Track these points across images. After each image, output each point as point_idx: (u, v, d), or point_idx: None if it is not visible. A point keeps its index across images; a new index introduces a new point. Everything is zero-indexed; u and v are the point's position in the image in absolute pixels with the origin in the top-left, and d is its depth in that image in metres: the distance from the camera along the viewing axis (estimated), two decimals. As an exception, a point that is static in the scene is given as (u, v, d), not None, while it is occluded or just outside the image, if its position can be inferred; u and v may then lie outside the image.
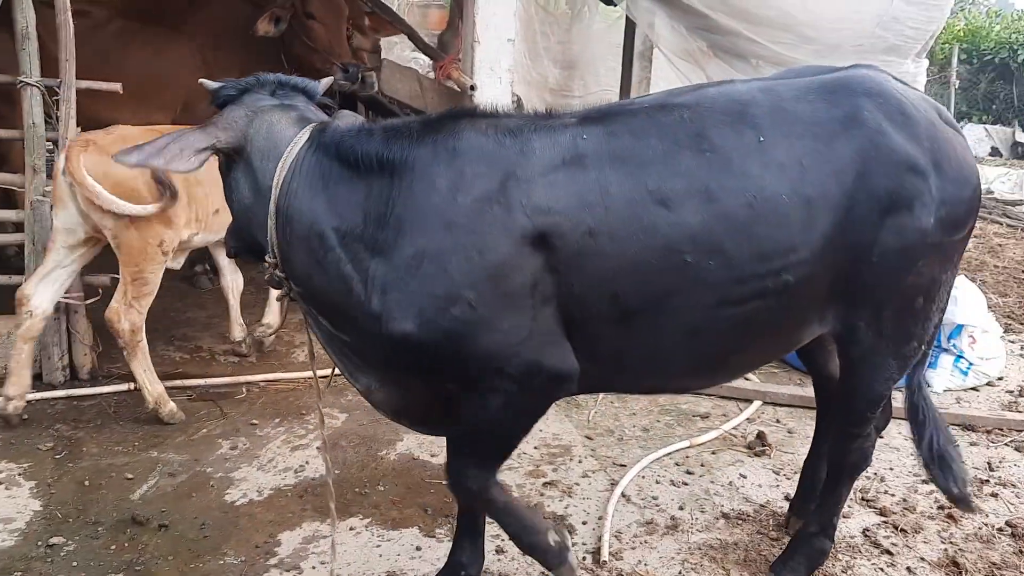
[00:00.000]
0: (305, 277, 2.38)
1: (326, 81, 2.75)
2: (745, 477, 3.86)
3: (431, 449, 3.94)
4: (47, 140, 4.24)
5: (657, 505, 3.59)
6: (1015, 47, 19.54)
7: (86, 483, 3.56)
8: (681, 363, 2.55)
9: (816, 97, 2.49)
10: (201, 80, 2.57)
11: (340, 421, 4.21)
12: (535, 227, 2.23)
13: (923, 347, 2.78)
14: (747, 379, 4.92)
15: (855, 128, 2.43)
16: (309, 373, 4.47)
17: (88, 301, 4.39)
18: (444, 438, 2.74)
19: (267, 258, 2.40)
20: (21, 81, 4.10)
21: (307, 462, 3.80)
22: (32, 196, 4.19)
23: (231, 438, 3.99)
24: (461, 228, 2.22)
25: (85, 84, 4.27)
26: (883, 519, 3.56)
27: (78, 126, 4.24)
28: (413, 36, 5.76)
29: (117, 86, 4.38)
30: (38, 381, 4.35)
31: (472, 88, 4.65)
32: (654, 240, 2.27)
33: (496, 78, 4.71)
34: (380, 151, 2.30)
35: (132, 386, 4.36)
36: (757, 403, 4.62)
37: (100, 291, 4.41)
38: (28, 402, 4.06)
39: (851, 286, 2.52)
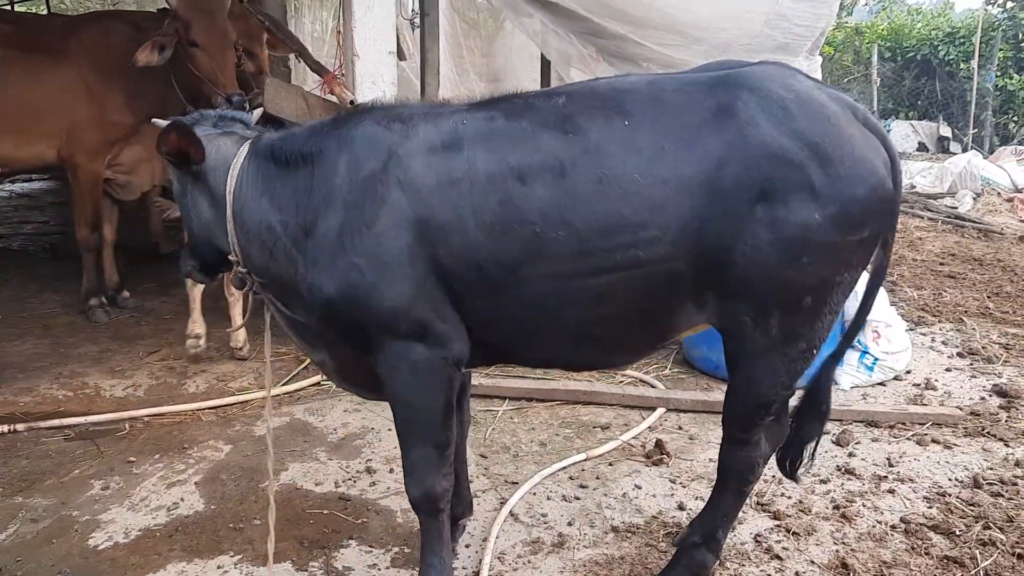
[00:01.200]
0: (263, 268, 2.73)
1: (257, 112, 3.23)
2: (640, 488, 3.77)
3: (315, 477, 3.79)
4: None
5: (546, 522, 3.48)
6: (935, 43, 20.00)
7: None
8: (550, 334, 2.66)
9: (697, 89, 2.53)
10: (153, 120, 2.91)
11: (223, 453, 4.04)
12: (410, 203, 2.50)
13: (813, 351, 2.69)
14: (651, 386, 4.86)
15: (726, 119, 2.45)
16: (195, 405, 4.44)
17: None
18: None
19: (230, 257, 2.76)
20: None
21: (182, 499, 3.61)
22: None
23: (104, 478, 3.80)
24: (353, 204, 2.54)
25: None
26: (776, 523, 3.49)
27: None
28: (303, 53, 5.63)
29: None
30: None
31: (352, 103, 4.53)
32: (508, 212, 2.45)
33: (379, 91, 4.59)
34: (301, 147, 2.68)
35: (8, 429, 4.16)
36: (660, 410, 4.54)
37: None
38: None
39: (726, 276, 2.50)
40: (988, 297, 6.97)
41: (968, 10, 25.11)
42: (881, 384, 5.03)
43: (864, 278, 2.81)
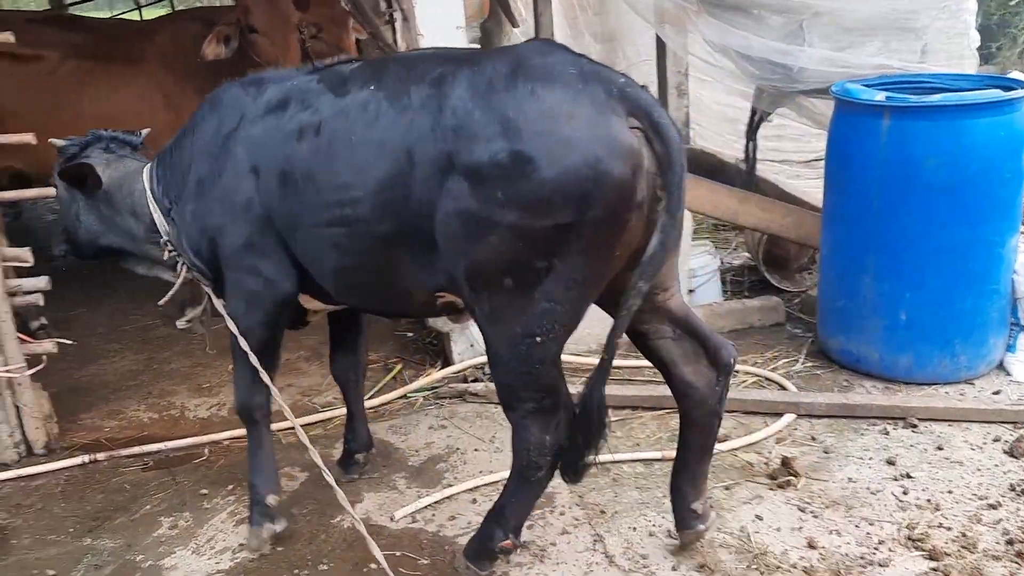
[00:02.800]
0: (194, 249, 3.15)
1: (146, 132, 3.66)
2: (761, 519, 3.19)
3: (391, 509, 3.43)
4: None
5: (646, 567, 2.97)
6: None
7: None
8: (329, 278, 2.93)
9: (441, 63, 2.61)
10: (50, 140, 3.42)
11: (298, 482, 3.74)
12: (248, 157, 2.91)
13: (536, 338, 2.53)
14: (779, 387, 4.21)
15: (436, 91, 2.51)
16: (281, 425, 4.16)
17: (31, 371, 4.05)
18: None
19: (167, 252, 3.20)
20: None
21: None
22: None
23: (174, 514, 3.57)
24: (213, 157, 3.00)
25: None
26: (932, 565, 2.85)
27: None
28: (378, 35, 5.24)
29: (28, 137, 3.99)
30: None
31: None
32: (288, 165, 2.79)
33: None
34: (201, 110, 3.15)
35: (90, 459, 4.02)
36: (788, 417, 3.90)
37: (44, 359, 4.08)
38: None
39: (439, 245, 2.56)
40: None
41: None
42: (1066, 372, 4.18)
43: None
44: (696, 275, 5.10)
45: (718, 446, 3.45)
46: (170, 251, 3.18)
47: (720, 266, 5.38)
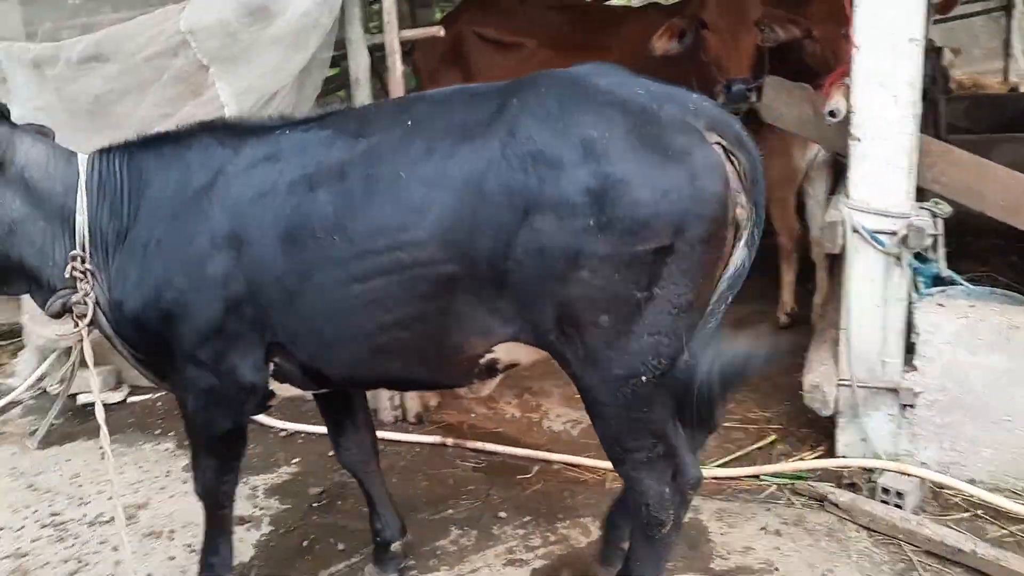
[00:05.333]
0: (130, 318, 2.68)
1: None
2: None
3: None
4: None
5: None
6: None
7: (304, 544, 3.48)
8: (348, 348, 2.56)
9: (489, 94, 2.44)
10: None
11: (590, 537, 3.36)
12: (228, 220, 2.52)
13: (640, 380, 2.31)
14: None
15: (497, 120, 2.33)
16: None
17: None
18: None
19: (82, 285, 2.63)
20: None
21: (503, 588, 3.09)
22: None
23: (464, 528, 3.49)
24: (177, 218, 2.57)
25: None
26: None
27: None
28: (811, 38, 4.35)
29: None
30: (374, 414, 4.44)
31: (831, 115, 3.25)
32: (298, 219, 2.45)
33: (888, 96, 3.21)
34: (136, 159, 2.72)
35: (440, 441, 4.17)
36: None
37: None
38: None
39: (508, 285, 2.33)
40: None
41: None
42: None
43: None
44: None
45: None
46: (78, 277, 2.62)
47: None
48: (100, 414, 2.78)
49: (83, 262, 2.62)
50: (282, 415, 4.54)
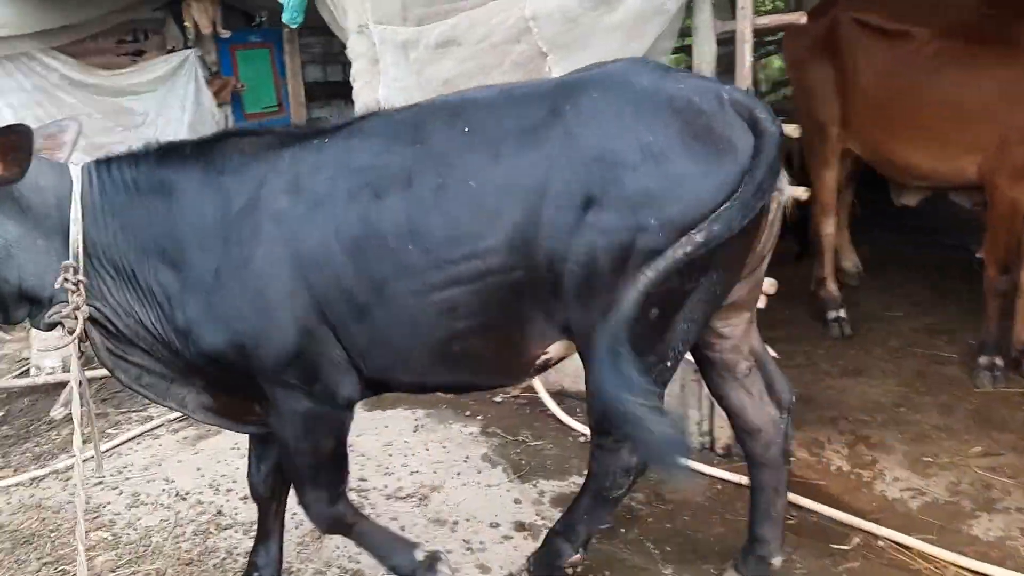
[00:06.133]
0: (123, 302, 2.57)
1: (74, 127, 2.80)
2: None
3: None
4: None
5: None
6: None
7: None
8: (420, 356, 2.53)
9: (538, 95, 2.44)
10: None
11: None
12: (283, 235, 2.42)
13: (667, 363, 2.49)
14: None
15: (554, 123, 2.34)
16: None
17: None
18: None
19: (71, 295, 2.46)
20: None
21: None
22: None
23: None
24: (227, 241, 2.45)
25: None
26: None
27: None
28: None
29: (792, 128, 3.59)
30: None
31: None
32: (366, 229, 2.40)
33: None
34: (159, 173, 2.56)
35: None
36: None
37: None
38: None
39: (565, 286, 2.36)
40: None
41: None
42: None
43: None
44: None
45: None
46: (69, 289, 2.44)
47: None
48: (76, 420, 2.68)
49: (75, 272, 2.46)
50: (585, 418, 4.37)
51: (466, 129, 2.40)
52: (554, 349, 2.58)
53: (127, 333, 2.61)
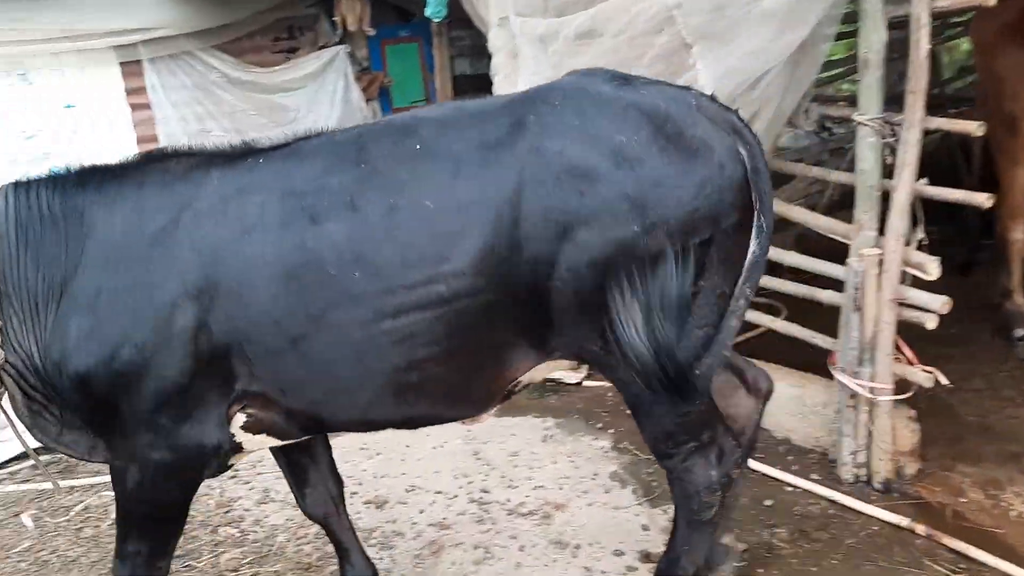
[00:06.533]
0: (27, 347, 2.38)
1: None
2: None
3: None
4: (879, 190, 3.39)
5: None
6: None
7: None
8: (365, 389, 2.37)
9: (495, 109, 2.36)
10: None
11: None
12: (201, 263, 2.26)
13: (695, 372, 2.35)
14: None
15: (517, 135, 2.24)
16: None
17: (899, 396, 3.44)
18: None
19: None
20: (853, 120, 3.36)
21: None
22: (855, 252, 3.45)
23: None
24: (130, 266, 2.29)
25: (937, 124, 3.21)
26: None
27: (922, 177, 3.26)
28: None
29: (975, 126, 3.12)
30: (830, 468, 3.70)
31: None
32: (303, 256, 2.24)
33: None
34: (71, 198, 2.40)
35: (919, 528, 3.27)
36: None
37: (916, 389, 3.41)
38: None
39: (551, 305, 2.25)
40: None
41: None
42: None
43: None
44: None
45: None
46: None
47: None
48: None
49: None
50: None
51: (418, 147, 2.28)
52: (529, 374, 2.49)
53: (39, 385, 2.44)
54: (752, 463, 3.60)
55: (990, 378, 4.43)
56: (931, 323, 3.31)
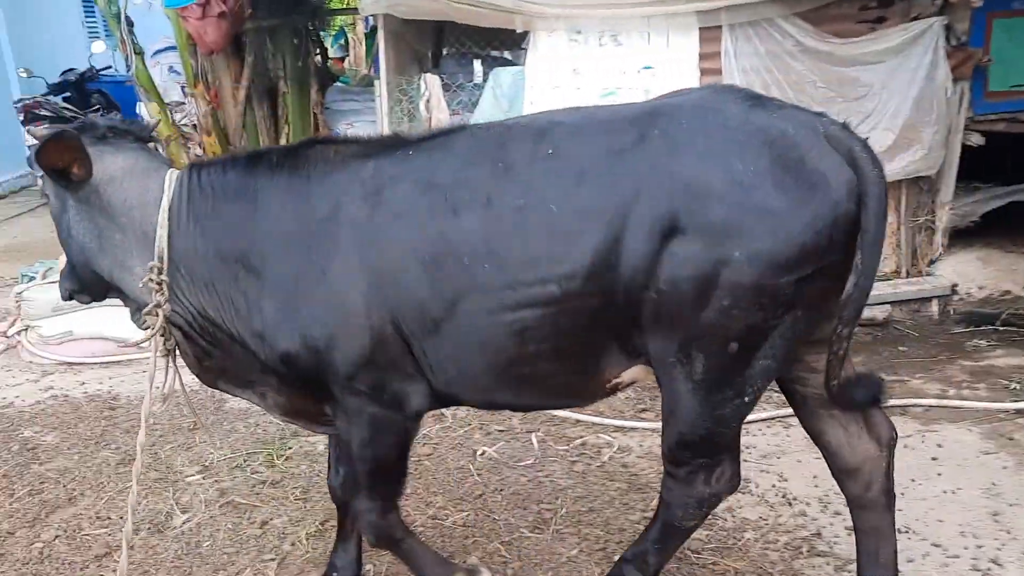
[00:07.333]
0: (197, 305, 2.66)
1: (153, 122, 3.59)
2: None
3: None
4: None
5: None
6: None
7: None
8: (488, 374, 2.53)
9: (623, 120, 2.42)
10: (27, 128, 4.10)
11: None
12: (362, 245, 2.46)
13: (744, 398, 2.45)
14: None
15: (642, 149, 2.32)
16: None
17: None
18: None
19: (154, 295, 2.62)
20: None
21: None
22: None
23: None
24: (307, 249, 2.50)
25: None
26: None
27: None
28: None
29: None
30: None
31: None
32: (443, 246, 2.41)
33: None
34: (245, 182, 2.65)
35: None
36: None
37: None
38: None
39: (644, 315, 2.35)
40: None
41: None
42: None
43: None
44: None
45: None
46: (152, 288, 2.61)
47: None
48: (143, 417, 2.87)
49: (159, 273, 2.60)
50: None
51: (550, 151, 2.38)
52: (628, 374, 2.59)
53: (203, 335, 2.72)
54: None
55: None
56: None
